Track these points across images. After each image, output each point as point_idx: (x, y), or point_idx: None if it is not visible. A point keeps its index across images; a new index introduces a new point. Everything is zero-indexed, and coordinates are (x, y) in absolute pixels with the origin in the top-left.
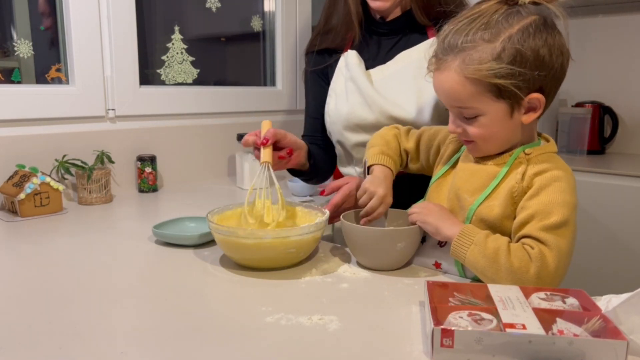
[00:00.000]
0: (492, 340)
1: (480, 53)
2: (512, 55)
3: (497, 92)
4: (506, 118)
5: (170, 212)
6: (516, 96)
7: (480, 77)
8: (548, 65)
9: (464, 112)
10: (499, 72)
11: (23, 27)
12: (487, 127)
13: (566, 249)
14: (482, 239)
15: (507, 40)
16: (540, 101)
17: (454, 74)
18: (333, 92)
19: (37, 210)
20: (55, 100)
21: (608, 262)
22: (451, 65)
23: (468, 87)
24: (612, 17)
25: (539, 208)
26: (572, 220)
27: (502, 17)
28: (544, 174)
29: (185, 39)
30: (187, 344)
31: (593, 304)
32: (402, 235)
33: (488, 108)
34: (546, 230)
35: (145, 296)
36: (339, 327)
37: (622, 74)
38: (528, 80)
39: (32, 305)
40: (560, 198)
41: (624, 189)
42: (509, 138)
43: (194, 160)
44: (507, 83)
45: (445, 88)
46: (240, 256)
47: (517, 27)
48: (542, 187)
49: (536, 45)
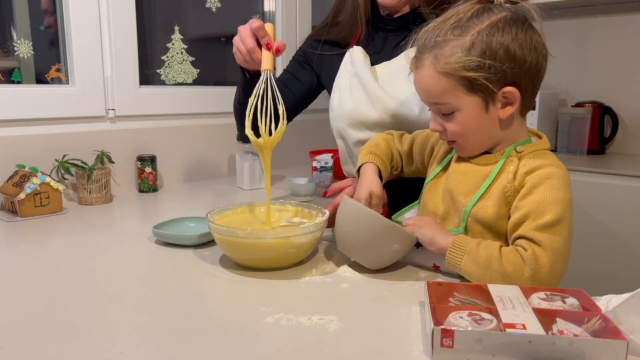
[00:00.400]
0: (492, 340)
1: (451, 47)
2: (481, 48)
3: (468, 86)
4: (481, 113)
5: (170, 212)
6: (488, 90)
7: (450, 70)
8: (520, 59)
9: (440, 109)
10: (468, 65)
11: (23, 27)
12: (463, 124)
13: (561, 248)
14: (473, 248)
15: (477, 35)
16: (515, 95)
17: (427, 70)
18: (337, 88)
19: (37, 210)
20: (55, 100)
21: (608, 262)
22: (425, 62)
23: (440, 82)
24: (612, 17)
25: (533, 207)
26: (567, 217)
27: (473, 14)
28: (535, 171)
29: (185, 39)
30: (187, 344)
31: (593, 304)
32: (401, 235)
33: (462, 103)
34: (540, 229)
35: (145, 296)
36: (339, 327)
37: (622, 74)
38: (499, 73)
39: (32, 305)
40: (553, 196)
41: (624, 189)
42: (489, 134)
43: (194, 160)
44: (477, 76)
45: (421, 84)
46: (240, 256)
47: (486, 22)
48: (534, 186)
49: (505, 39)
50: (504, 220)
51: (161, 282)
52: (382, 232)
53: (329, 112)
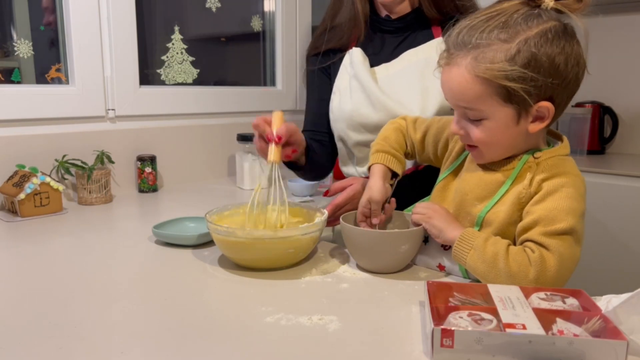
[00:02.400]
0: (492, 340)
1: (494, 52)
2: (526, 58)
3: (506, 96)
4: (512, 124)
5: (170, 212)
6: (525, 102)
7: (490, 77)
8: (562, 74)
9: (468, 114)
10: (510, 75)
11: (23, 27)
12: (490, 132)
13: (569, 255)
14: (480, 243)
15: (524, 43)
16: (550, 111)
17: (464, 71)
18: (337, 89)
19: (37, 210)
20: (55, 100)
21: (608, 262)
22: (462, 61)
23: (476, 87)
24: (612, 17)
25: (544, 214)
26: (579, 228)
27: (521, 18)
28: (552, 179)
29: (185, 39)
30: (187, 344)
31: (593, 304)
32: (405, 238)
33: (494, 112)
34: (549, 235)
35: (145, 296)
36: (339, 327)
37: (622, 74)
38: (540, 87)
39: (32, 305)
40: (566, 205)
41: (624, 189)
42: (512, 145)
43: (194, 160)
44: (517, 87)
45: (452, 85)
46: (239, 256)
47: (535, 30)
48: (549, 193)
49: (553, 52)
50: (514, 225)
51: (161, 282)
52: (384, 242)
53: (329, 114)
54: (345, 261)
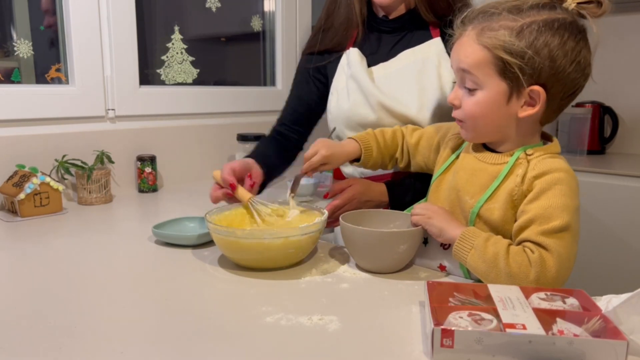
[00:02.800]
0: (492, 340)
1: (500, 26)
2: (528, 38)
3: (501, 69)
4: (503, 101)
5: (170, 212)
6: (518, 81)
7: (491, 46)
8: (559, 65)
9: (466, 79)
10: (509, 48)
11: (23, 27)
12: (481, 105)
13: (567, 254)
14: (481, 243)
15: (529, 24)
16: (541, 96)
17: (471, 38)
18: (335, 90)
19: (37, 210)
20: (55, 100)
21: (608, 262)
22: (471, 32)
23: (477, 53)
24: (612, 17)
25: (539, 212)
26: (574, 224)
27: (536, 4)
28: (544, 176)
29: (185, 39)
30: (187, 344)
31: (593, 304)
32: (404, 237)
33: (489, 82)
34: (546, 234)
35: (145, 296)
36: (339, 327)
37: (622, 74)
38: (535, 68)
39: (32, 305)
40: (561, 202)
41: (624, 189)
42: (500, 127)
43: (194, 160)
44: (513, 62)
45: (458, 49)
46: (239, 256)
47: (544, 16)
48: (542, 191)
49: (554, 40)
50: (509, 224)
51: (161, 282)
52: (383, 242)
53: (327, 114)
54: (345, 261)
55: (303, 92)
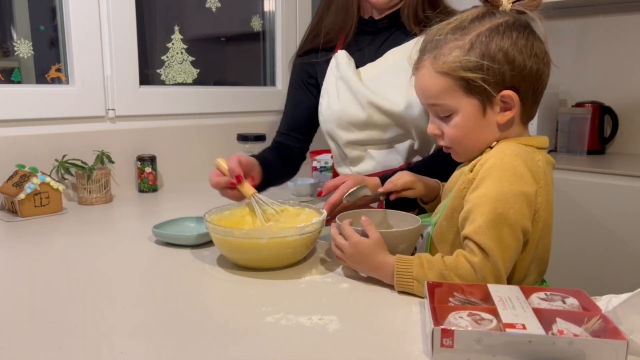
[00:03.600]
0: (492, 340)
1: (450, 49)
2: (480, 50)
3: (466, 87)
4: (479, 116)
5: (170, 212)
6: (486, 92)
7: (448, 69)
8: (519, 64)
9: (438, 110)
10: (466, 65)
11: (23, 27)
12: (460, 127)
13: (509, 244)
14: (419, 272)
15: (476, 37)
16: (513, 99)
17: (426, 70)
18: (325, 92)
19: (37, 210)
20: (55, 100)
21: (608, 262)
22: (425, 63)
23: (438, 81)
24: (612, 17)
25: (476, 202)
26: (513, 212)
27: (475, 18)
28: (487, 163)
29: (185, 39)
30: (187, 344)
31: (593, 304)
32: (401, 237)
33: (460, 104)
34: (483, 232)
35: (145, 296)
36: (339, 327)
37: (622, 74)
38: (497, 75)
39: (32, 305)
40: (496, 191)
41: (624, 189)
42: (484, 139)
43: (194, 160)
44: (474, 76)
45: (420, 85)
46: (237, 256)
47: (487, 25)
48: (483, 178)
49: (504, 44)
50: (457, 212)
51: (161, 282)
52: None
53: (319, 116)
54: None
55: (299, 99)
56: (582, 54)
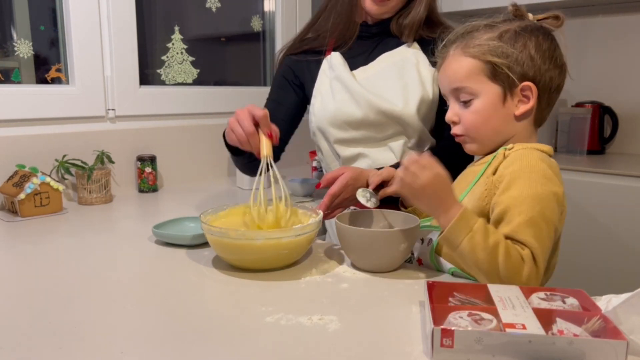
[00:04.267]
0: (492, 340)
1: (480, 35)
2: (509, 41)
3: (492, 72)
4: (499, 104)
5: (170, 212)
6: (509, 80)
7: (478, 53)
8: (541, 62)
9: (461, 94)
10: (495, 50)
11: (23, 27)
12: (480, 112)
13: (547, 243)
14: (482, 227)
15: (506, 30)
16: (533, 91)
17: (456, 55)
18: (318, 93)
19: (37, 210)
20: (55, 100)
21: (608, 262)
22: (455, 51)
23: (466, 64)
24: (612, 17)
25: (511, 202)
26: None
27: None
28: (513, 166)
29: (185, 39)
30: (187, 344)
31: (593, 304)
32: (401, 236)
33: (483, 88)
34: (523, 230)
35: (145, 296)
36: (339, 327)
37: (622, 74)
38: (522, 65)
39: (32, 305)
40: (532, 192)
41: (624, 189)
42: (500, 130)
43: (194, 160)
44: (502, 62)
45: (446, 72)
46: (233, 257)
47: (516, 24)
48: (512, 181)
49: (531, 41)
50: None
51: (161, 282)
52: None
53: (310, 117)
54: (344, 261)
55: (281, 97)
56: (582, 54)
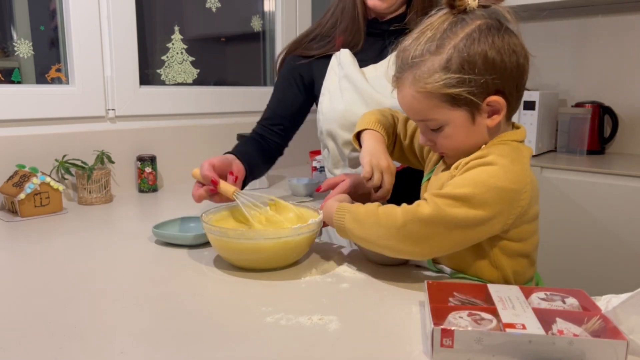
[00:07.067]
0: (492, 340)
1: (428, 67)
2: (459, 63)
3: (452, 102)
4: (468, 125)
5: (170, 212)
6: (472, 102)
7: (431, 89)
8: (500, 67)
9: (428, 124)
10: (448, 82)
11: (23, 27)
12: (452, 137)
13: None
14: (354, 207)
15: (453, 49)
16: (500, 103)
17: (409, 90)
18: (327, 91)
19: (37, 210)
20: (55, 100)
21: (608, 262)
22: (405, 82)
23: (423, 101)
24: (612, 17)
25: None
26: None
27: (447, 27)
28: (472, 161)
29: (185, 39)
30: (187, 344)
31: (593, 304)
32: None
33: (448, 117)
34: (436, 195)
35: (145, 296)
36: (339, 327)
37: (622, 74)
38: (481, 85)
39: (32, 305)
40: (476, 178)
41: (624, 189)
42: (478, 142)
43: (194, 160)
44: (459, 91)
45: (405, 104)
46: (233, 257)
47: (461, 35)
48: (466, 171)
49: (482, 49)
50: None
51: (161, 282)
52: None
53: (318, 115)
54: (345, 261)
55: (286, 95)
56: (582, 54)
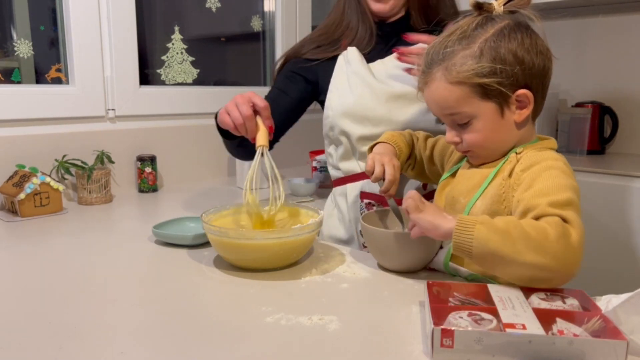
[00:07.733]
0: (492, 340)
1: (460, 58)
2: (490, 55)
3: (482, 93)
4: (497, 118)
5: (170, 212)
6: (502, 94)
7: (463, 78)
8: (528, 63)
9: (456, 119)
10: (480, 72)
11: (23, 27)
12: (481, 132)
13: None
14: (487, 218)
15: (484, 43)
16: (529, 97)
17: (439, 83)
18: (335, 88)
19: (37, 210)
20: (55, 100)
21: (608, 262)
22: (436, 75)
23: (454, 92)
24: (612, 17)
25: (538, 192)
26: (577, 202)
27: (477, 25)
28: (532, 167)
29: (185, 39)
30: (187, 344)
31: (593, 304)
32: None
33: (478, 110)
34: (555, 206)
35: (145, 296)
36: (339, 327)
37: (622, 74)
38: (511, 76)
39: (32, 305)
40: (556, 182)
41: (624, 189)
42: (505, 140)
43: (194, 160)
44: (490, 81)
45: (434, 97)
46: (233, 257)
47: (491, 31)
48: (533, 179)
49: (512, 45)
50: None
51: (161, 282)
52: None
53: (325, 112)
54: (345, 261)
55: (287, 87)
56: (582, 54)
